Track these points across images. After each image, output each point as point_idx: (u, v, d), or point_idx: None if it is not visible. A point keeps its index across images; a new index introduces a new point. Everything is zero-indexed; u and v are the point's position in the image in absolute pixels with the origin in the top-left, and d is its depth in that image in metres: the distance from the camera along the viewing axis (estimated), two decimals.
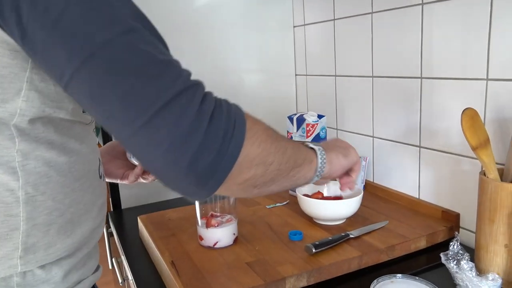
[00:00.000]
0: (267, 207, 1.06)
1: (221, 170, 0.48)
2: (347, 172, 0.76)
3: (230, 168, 0.48)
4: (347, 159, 0.72)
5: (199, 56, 1.27)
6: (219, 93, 1.44)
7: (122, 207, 1.24)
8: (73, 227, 0.58)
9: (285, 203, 1.09)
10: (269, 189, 0.57)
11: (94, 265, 0.66)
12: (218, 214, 0.87)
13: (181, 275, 0.75)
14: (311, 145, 0.66)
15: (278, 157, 0.55)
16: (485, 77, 0.81)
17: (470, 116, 0.73)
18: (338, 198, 0.97)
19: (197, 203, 0.87)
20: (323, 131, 1.11)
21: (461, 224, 0.92)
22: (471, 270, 0.69)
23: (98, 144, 1.08)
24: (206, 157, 0.46)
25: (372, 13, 1.07)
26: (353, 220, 0.95)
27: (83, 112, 0.57)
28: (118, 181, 0.85)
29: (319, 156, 0.64)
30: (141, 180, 0.84)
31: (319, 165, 0.64)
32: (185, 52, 1.25)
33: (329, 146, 0.70)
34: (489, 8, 0.78)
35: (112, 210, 1.24)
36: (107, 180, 0.84)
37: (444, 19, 0.88)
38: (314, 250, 0.78)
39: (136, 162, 0.83)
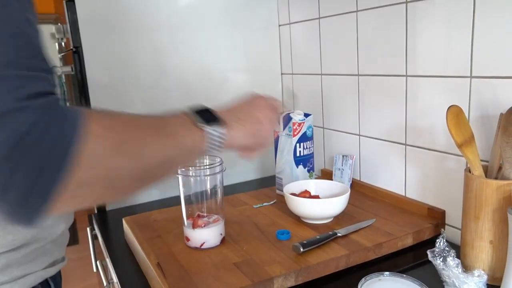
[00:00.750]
0: (254, 206, 1.06)
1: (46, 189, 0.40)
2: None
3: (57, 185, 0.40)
4: (255, 140, 0.65)
5: (184, 56, 1.26)
6: (204, 93, 1.43)
7: (107, 209, 1.22)
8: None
9: (272, 202, 1.08)
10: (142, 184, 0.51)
11: (48, 260, 0.65)
12: (205, 214, 0.86)
13: (167, 277, 0.73)
14: (206, 129, 0.57)
15: (130, 166, 0.47)
16: (469, 75, 0.82)
17: (455, 114, 0.73)
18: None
19: (183, 203, 0.85)
20: (310, 129, 1.10)
21: (446, 221, 0.92)
22: (457, 267, 0.70)
23: None
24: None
25: (357, 11, 1.07)
26: (341, 218, 0.95)
27: None
28: None
29: (208, 142, 0.58)
30: None
31: (209, 146, 0.58)
32: (169, 52, 1.24)
33: (241, 118, 0.63)
34: (472, 6, 0.79)
35: (96, 212, 1.22)
36: None
37: (428, 17, 0.88)
38: (302, 249, 0.78)
39: None
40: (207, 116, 0.59)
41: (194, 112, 0.59)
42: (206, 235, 0.84)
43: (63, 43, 1.45)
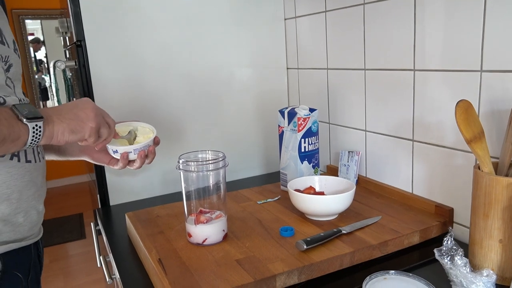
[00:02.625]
0: (258, 202, 1.04)
1: None
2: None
3: None
4: (76, 135, 0.71)
5: (188, 51, 1.24)
6: (211, 88, 1.42)
7: (110, 204, 1.21)
8: None
9: (276, 198, 1.07)
10: None
11: None
12: (207, 210, 0.85)
13: (168, 273, 0.72)
14: (26, 122, 0.64)
15: None
16: (479, 69, 0.79)
17: (464, 109, 0.71)
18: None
19: (184, 199, 0.84)
20: (315, 125, 1.09)
21: (454, 219, 0.90)
22: (465, 266, 0.68)
23: None
24: None
25: (364, 4, 1.04)
26: (346, 215, 0.93)
27: None
28: (106, 165, 0.90)
29: (31, 135, 0.65)
30: (129, 167, 0.87)
31: (30, 141, 0.65)
32: (174, 46, 1.22)
33: (61, 115, 0.70)
34: None
35: (100, 207, 1.21)
36: (97, 163, 0.91)
37: (437, 9, 0.86)
38: (305, 247, 0.76)
39: (117, 157, 0.84)
40: (29, 111, 0.66)
41: (17, 107, 0.66)
42: (208, 231, 0.82)
43: (67, 38, 1.44)
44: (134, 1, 1.16)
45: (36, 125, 0.66)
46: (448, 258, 0.70)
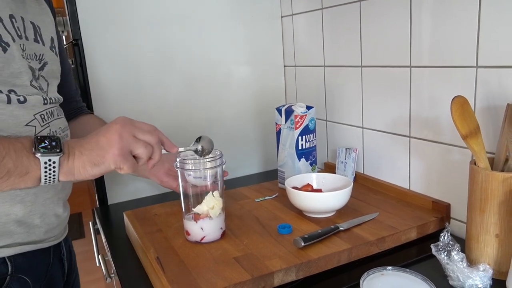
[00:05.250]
0: (256, 200, 1.05)
1: None
2: None
3: None
4: (99, 167, 0.63)
5: (186, 49, 1.24)
6: (208, 85, 1.42)
7: (109, 203, 1.21)
8: None
9: (274, 196, 1.07)
10: None
11: (4, 241, 0.68)
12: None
13: (166, 272, 0.72)
14: (38, 155, 0.59)
15: None
16: (475, 65, 0.80)
17: (460, 104, 0.71)
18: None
19: (182, 197, 0.84)
20: (312, 122, 1.09)
21: (452, 215, 0.90)
22: (461, 261, 0.68)
23: None
24: None
25: (360, 1, 1.04)
26: (343, 212, 0.93)
27: None
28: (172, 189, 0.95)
29: (43, 170, 0.59)
30: None
31: (44, 178, 0.60)
32: (171, 44, 1.22)
33: (83, 147, 0.63)
34: None
35: (98, 206, 1.21)
36: (164, 186, 0.95)
37: (432, 6, 0.86)
38: (303, 244, 0.77)
39: (193, 182, 0.83)
40: (49, 144, 0.60)
41: (40, 138, 0.60)
42: (207, 229, 0.83)
43: (64, 36, 1.44)
44: (131, 0, 1.16)
45: (50, 160, 0.59)
46: (445, 254, 0.71)
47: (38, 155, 0.59)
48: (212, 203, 0.82)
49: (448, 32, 0.84)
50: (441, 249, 0.72)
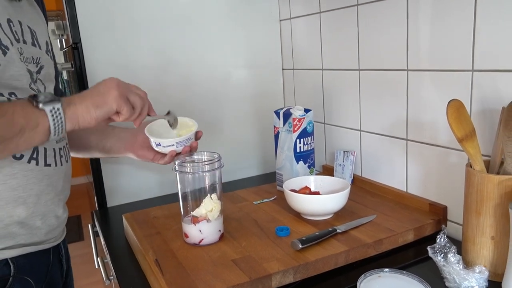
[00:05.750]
0: (254, 203, 1.05)
1: None
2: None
3: None
4: (102, 109, 0.68)
5: (185, 52, 1.25)
6: (207, 88, 1.42)
7: (108, 206, 1.22)
8: None
9: (272, 198, 1.08)
10: None
11: (6, 243, 0.69)
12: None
13: (164, 274, 0.73)
14: (42, 106, 0.62)
15: None
16: (471, 68, 0.80)
17: (455, 108, 0.72)
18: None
19: (180, 200, 0.85)
20: (310, 125, 1.09)
21: (448, 217, 0.91)
22: (458, 263, 0.69)
23: None
24: None
25: (357, 5, 1.05)
26: (341, 214, 0.94)
27: None
28: (150, 161, 0.92)
29: (51, 118, 0.63)
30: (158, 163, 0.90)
31: (53, 127, 0.63)
32: (170, 48, 1.23)
33: (82, 95, 0.68)
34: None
35: (97, 208, 1.22)
36: (142, 160, 0.92)
37: (429, 11, 0.87)
38: (300, 246, 0.77)
39: (161, 150, 0.86)
40: (45, 96, 0.63)
41: (33, 96, 0.63)
42: (205, 232, 0.83)
43: (63, 40, 1.44)
44: (130, 3, 1.17)
45: (54, 108, 0.63)
46: (441, 256, 0.71)
47: (41, 105, 0.62)
48: (210, 206, 0.83)
49: (444, 36, 0.85)
50: (437, 251, 0.72)
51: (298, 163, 1.09)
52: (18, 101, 0.64)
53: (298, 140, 1.08)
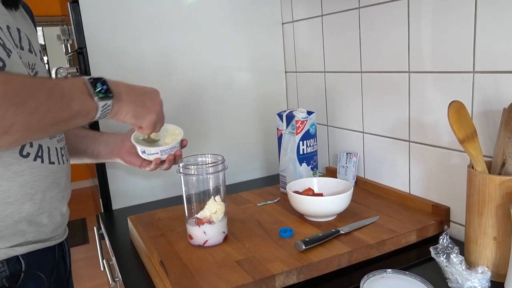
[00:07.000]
0: (258, 205, 1.06)
1: None
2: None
3: None
4: (136, 120, 0.75)
5: (189, 56, 1.26)
6: (210, 91, 1.43)
7: (113, 208, 1.23)
8: None
9: (276, 200, 1.08)
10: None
11: (17, 240, 0.71)
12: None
13: (170, 275, 0.74)
14: (97, 100, 0.66)
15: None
16: (472, 70, 0.81)
17: (456, 109, 0.72)
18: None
19: (185, 202, 0.86)
20: (313, 127, 1.10)
21: (451, 218, 0.91)
22: (460, 264, 0.69)
23: None
24: None
25: (359, 8, 1.06)
26: (344, 216, 0.94)
27: None
28: (138, 167, 0.94)
29: (99, 112, 0.68)
30: (159, 168, 0.92)
31: (97, 117, 0.68)
32: (174, 52, 1.24)
33: (130, 94, 0.73)
34: (474, 1, 0.78)
35: (102, 211, 1.23)
36: (129, 165, 0.94)
37: (430, 13, 0.88)
38: (304, 247, 0.78)
39: (147, 158, 0.89)
40: (102, 88, 0.67)
41: (91, 82, 0.67)
42: (209, 233, 0.84)
43: (69, 45, 1.46)
44: (134, 8, 1.18)
45: (106, 104, 0.68)
46: (444, 256, 0.72)
47: (96, 99, 0.66)
48: (214, 208, 0.83)
49: (445, 38, 0.85)
50: (440, 252, 0.73)
51: (301, 165, 1.10)
52: (77, 82, 0.66)
53: (301, 142, 1.09)
